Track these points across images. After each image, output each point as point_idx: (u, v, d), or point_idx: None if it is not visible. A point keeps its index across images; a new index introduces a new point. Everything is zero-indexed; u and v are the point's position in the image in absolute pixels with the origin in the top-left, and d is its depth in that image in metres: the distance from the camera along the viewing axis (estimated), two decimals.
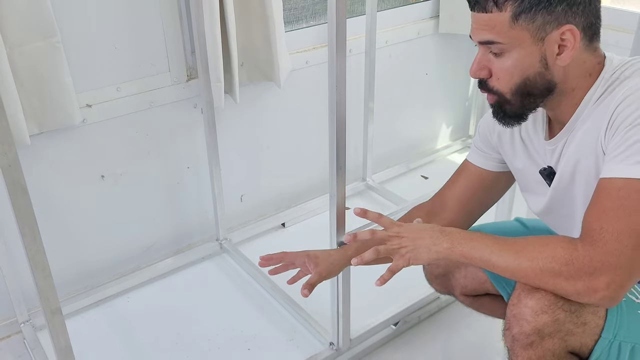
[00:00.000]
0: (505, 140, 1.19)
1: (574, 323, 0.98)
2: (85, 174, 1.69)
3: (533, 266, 0.96)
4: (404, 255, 1.07)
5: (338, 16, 1.07)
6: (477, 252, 1.01)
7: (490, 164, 1.24)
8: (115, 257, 1.83)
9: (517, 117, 1.04)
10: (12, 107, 1.42)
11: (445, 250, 1.04)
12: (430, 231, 1.06)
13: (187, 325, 1.68)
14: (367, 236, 1.10)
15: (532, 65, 0.97)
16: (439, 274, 1.39)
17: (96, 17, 1.56)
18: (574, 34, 0.94)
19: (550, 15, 0.94)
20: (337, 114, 1.17)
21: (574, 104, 1.01)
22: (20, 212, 0.94)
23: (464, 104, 2.59)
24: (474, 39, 1.03)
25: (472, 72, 1.04)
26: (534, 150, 1.13)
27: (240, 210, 2.05)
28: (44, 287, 1.01)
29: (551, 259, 0.94)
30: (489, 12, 0.97)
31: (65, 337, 1.08)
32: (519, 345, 1.00)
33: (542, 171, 1.11)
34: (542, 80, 0.99)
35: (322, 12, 2.03)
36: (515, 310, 1.00)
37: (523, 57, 0.97)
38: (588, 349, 1.01)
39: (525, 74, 0.98)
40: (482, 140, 1.24)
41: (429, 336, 1.64)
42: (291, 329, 1.66)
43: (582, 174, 1.02)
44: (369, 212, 1.11)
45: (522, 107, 1.02)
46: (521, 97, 1.01)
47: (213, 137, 1.78)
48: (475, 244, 1.02)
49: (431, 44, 2.34)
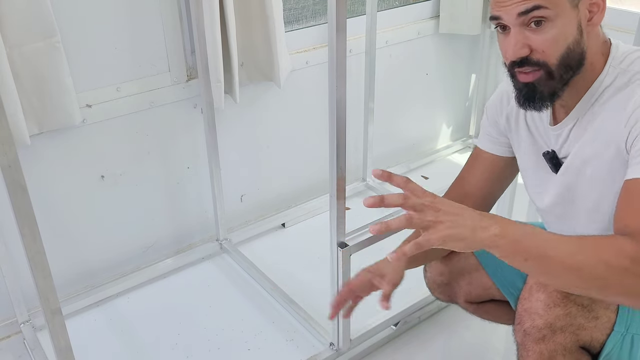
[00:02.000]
0: (512, 124, 1.18)
1: (585, 317, 0.97)
2: (85, 174, 1.69)
3: (598, 259, 0.84)
4: (440, 231, 0.85)
5: (338, 16, 1.07)
6: (531, 240, 0.86)
7: (500, 149, 1.23)
8: (115, 257, 1.83)
9: (552, 96, 0.99)
10: (12, 107, 1.42)
11: (493, 237, 0.85)
12: (471, 211, 0.88)
13: (187, 325, 1.68)
14: (398, 200, 0.87)
15: (572, 33, 0.95)
16: (442, 283, 1.37)
17: (96, 17, 1.56)
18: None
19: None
20: (337, 114, 1.17)
21: (580, 86, 1.00)
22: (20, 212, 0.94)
23: (465, 104, 2.59)
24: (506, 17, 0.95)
25: (512, 52, 0.96)
26: (538, 135, 1.12)
27: (241, 210, 2.05)
28: (44, 287, 1.01)
29: (618, 254, 0.84)
30: None
31: (65, 338, 1.08)
32: (530, 340, 0.99)
33: (545, 154, 1.10)
34: (579, 49, 0.97)
35: (322, 12, 2.03)
36: (527, 304, 0.99)
37: (565, 24, 0.94)
38: (599, 343, 1.00)
39: (567, 42, 0.96)
40: (491, 124, 1.23)
41: (429, 337, 1.64)
42: (291, 329, 1.66)
43: (592, 169, 1.01)
44: (394, 176, 0.89)
45: (561, 82, 0.98)
46: (563, 69, 0.97)
47: (213, 137, 1.78)
48: (528, 232, 0.87)
49: (431, 44, 2.33)
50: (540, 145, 1.12)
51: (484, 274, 1.30)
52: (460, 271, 1.33)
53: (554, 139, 1.08)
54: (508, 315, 1.35)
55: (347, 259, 1.34)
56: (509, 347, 1.62)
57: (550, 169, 1.10)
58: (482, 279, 1.31)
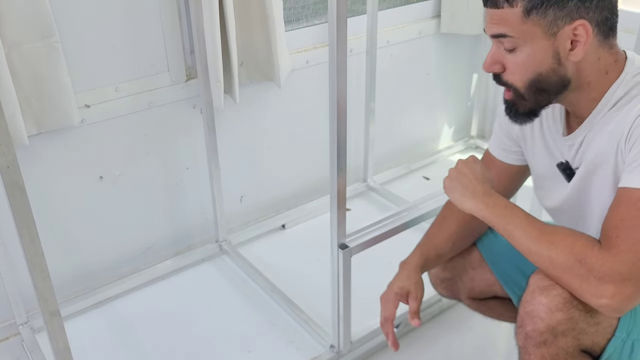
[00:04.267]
0: (526, 134, 1.18)
1: (587, 322, 0.97)
2: (84, 174, 1.68)
3: (549, 253, 0.96)
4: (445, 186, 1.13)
5: (339, 15, 1.07)
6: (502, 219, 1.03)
7: (513, 157, 1.24)
8: (114, 258, 1.82)
9: (530, 114, 1.04)
10: (11, 108, 1.41)
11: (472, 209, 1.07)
12: (473, 184, 1.08)
13: (187, 327, 1.67)
14: None
15: (545, 61, 0.97)
16: (445, 278, 1.38)
17: (95, 17, 1.55)
18: (586, 29, 0.94)
19: (561, 10, 0.93)
20: (338, 114, 1.16)
21: (592, 98, 1.01)
22: (19, 213, 0.93)
23: (466, 104, 2.58)
24: (487, 33, 1.02)
25: (486, 66, 1.03)
26: (552, 144, 1.12)
27: (240, 211, 2.04)
28: (43, 288, 1.00)
29: (569, 251, 0.94)
30: (500, 7, 0.96)
31: (63, 339, 1.07)
32: (532, 343, 0.99)
33: (559, 165, 1.11)
34: (555, 76, 0.98)
35: (323, 11, 2.03)
36: (529, 307, 0.99)
37: (535, 52, 0.96)
38: (600, 347, 1.00)
39: (538, 69, 0.98)
40: (504, 132, 1.23)
41: (430, 338, 1.63)
42: (291, 331, 1.65)
43: (600, 177, 1.02)
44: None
45: (535, 103, 1.02)
46: (534, 92, 1.00)
47: (212, 137, 1.77)
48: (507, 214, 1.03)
49: (432, 43, 2.33)
50: (555, 156, 1.12)
51: (487, 269, 1.31)
52: (464, 266, 1.34)
53: (566, 149, 1.08)
54: (510, 312, 1.35)
55: (348, 260, 1.33)
56: (511, 349, 1.61)
57: (564, 179, 1.11)
58: (485, 275, 1.32)
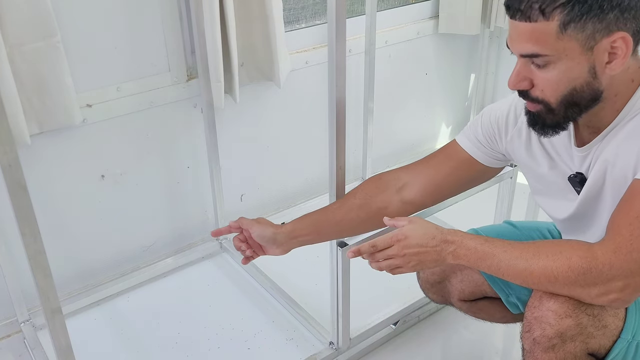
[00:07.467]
0: (519, 145, 1.14)
1: (595, 326, 0.97)
2: (86, 173, 1.69)
3: (547, 274, 0.94)
4: (409, 269, 1.08)
5: (338, 16, 1.07)
6: (484, 262, 1.01)
7: (485, 158, 1.20)
8: (115, 256, 1.83)
9: (557, 127, 0.99)
10: (13, 107, 1.42)
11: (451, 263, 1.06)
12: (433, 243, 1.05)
13: (187, 324, 1.68)
14: (370, 251, 1.08)
15: (580, 76, 0.92)
16: (435, 282, 1.37)
17: (96, 16, 1.56)
18: (626, 42, 0.88)
19: (601, 23, 0.87)
20: (337, 114, 1.17)
21: (615, 110, 0.97)
22: (21, 211, 0.94)
23: (464, 104, 2.59)
24: (513, 51, 0.96)
25: (512, 84, 0.96)
26: (556, 155, 1.09)
27: (240, 209, 2.05)
28: (44, 286, 1.01)
29: (567, 269, 0.92)
30: (533, 21, 0.89)
31: (65, 337, 1.07)
32: (540, 348, 0.99)
33: (573, 177, 1.06)
34: (589, 89, 0.93)
35: (322, 12, 2.03)
36: (537, 312, 0.99)
37: (570, 68, 0.91)
38: (605, 349, 1.01)
39: (572, 84, 0.92)
40: (486, 136, 1.19)
41: (428, 336, 1.64)
42: (291, 329, 1.66)
43: (613, 179, 0.99)
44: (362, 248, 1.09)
45: (564, 117, 0.97)
46: (566, 107, 0.95)
47: (213, 136, 1.78)
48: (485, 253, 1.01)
49: (431, 44, 2.34)
50: (562, 168, 1.08)
51: (474, 270, 1.29)
52: (452, 269, 1.34)
53: (579, 160, 1.04)
54: (501, 313, 1.35)
55: (347, 258, 1.34)
56: (507, 346, 1.62)
57: (575, 192, 1.07)
58: (474, 275, 1.32)
